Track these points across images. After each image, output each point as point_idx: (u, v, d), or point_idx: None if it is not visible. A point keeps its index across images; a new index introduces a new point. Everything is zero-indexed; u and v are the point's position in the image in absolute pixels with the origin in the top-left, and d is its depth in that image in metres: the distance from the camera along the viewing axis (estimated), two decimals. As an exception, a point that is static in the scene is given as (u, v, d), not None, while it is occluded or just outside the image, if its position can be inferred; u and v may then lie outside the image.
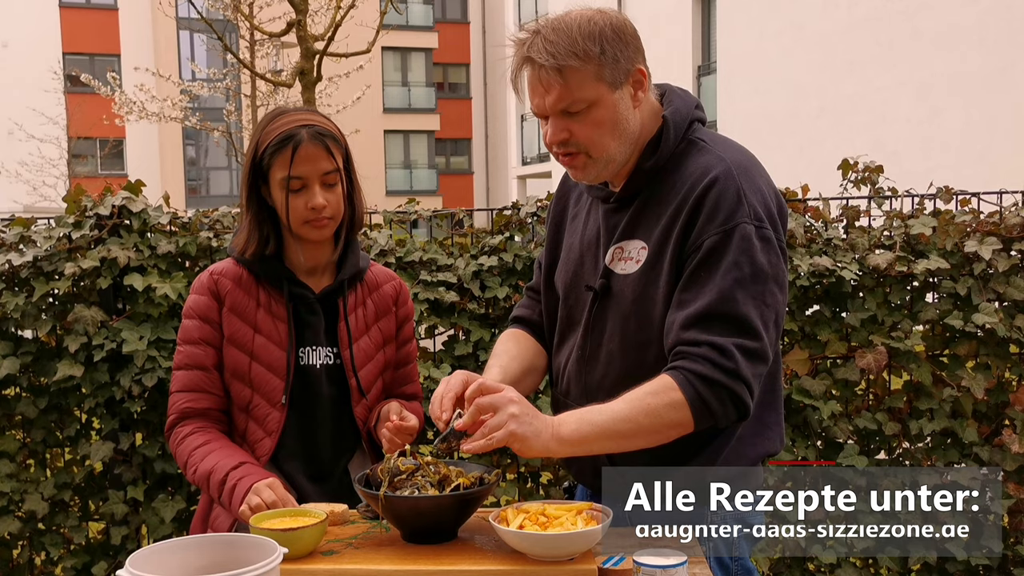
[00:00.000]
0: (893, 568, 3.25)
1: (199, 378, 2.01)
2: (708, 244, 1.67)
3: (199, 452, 1.95)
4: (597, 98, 1.70)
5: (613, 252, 1.80)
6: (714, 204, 1.67)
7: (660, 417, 1.63)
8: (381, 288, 2.16)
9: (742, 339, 1.64)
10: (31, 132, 23.26)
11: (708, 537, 1.81)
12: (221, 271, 2.03)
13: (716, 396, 1.63)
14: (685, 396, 1.62)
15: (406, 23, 31.10)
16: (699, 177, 1.71)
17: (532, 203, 3.37)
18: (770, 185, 1.76)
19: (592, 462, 1.86)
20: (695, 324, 1.65)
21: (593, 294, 1.81)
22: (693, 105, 1.82)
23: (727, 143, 1.80)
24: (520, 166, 25.20)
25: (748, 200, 1.68)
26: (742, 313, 1.64)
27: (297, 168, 1.92)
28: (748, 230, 1.66)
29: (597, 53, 1.68)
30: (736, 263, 1.65)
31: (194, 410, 2.00)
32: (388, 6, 8.62)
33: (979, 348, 3.21)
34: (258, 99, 14.33)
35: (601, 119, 1.71)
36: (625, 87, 1.72)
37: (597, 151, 1.73)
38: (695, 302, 1.66)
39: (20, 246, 3.20)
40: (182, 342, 2.03)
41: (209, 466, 1.92)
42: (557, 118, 1.72)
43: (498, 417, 1.60)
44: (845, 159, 3.39)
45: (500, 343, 2.04)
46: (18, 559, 3.32)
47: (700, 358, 1.63)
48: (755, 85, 13.93)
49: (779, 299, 1.70)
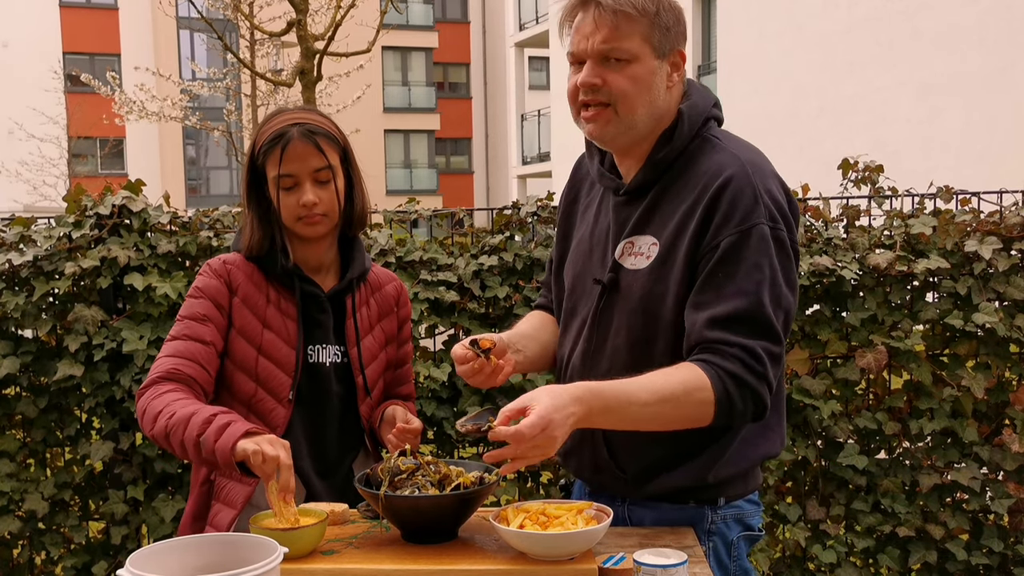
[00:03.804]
0: (893, 568, 3.25)
1: (195, 348, 1.93)
2: (725, 244, 1.66)
3: (179, 402, 1.81)
4: (640, 54, 1.71)
5: (623, 247, 1.79)
6: (730, 203, 1.67)
7: (684, 409, 1.64)
8: (383, 288, 2.18)
9: (767, 343, 1.66)
10: (31, 132, 23.28)
11: (708, 537, 1.81)
12: (233, 262, 2.03)
13: (742, 396, 1.64)
14: (715, 393, 1.63)
15: (406, 23, 31.12)
16: (714, 175, 1.70)
17: (532, 203, 3.36)
18: (782, 185, 1.76)
19: (593, 458, 1.86)
20: (722, 325, 1.65)
21: (601, 288, 1.81)
22: (711, 103, 1.82)
23: (740, 142, 1.80)
24: (520, 166, 25.19)
25: (764, 200, 1.68)
26: (768, 316, 1.65)
27: (287, 166, 1.94)
28: (765, 231, 1.67)
29: (653, 12, 1.70)
30: (757, 265, 1.66)
31: (180, 373, 1.89)
32: (388, 6, 8.61)
33: (979, 348, 3.21)
34: (258, 99, 14.33)
35: (638, 75, 1.71)
36: (665, 62, 1.74)
37: (624, 107, 1.73)
38: (718, 304, 1.66)
39: (20, 245, 3.20)
40: (183, 317, 1.97)
41: (189, 410, 1.77)
42: (594, 63, 1.72)
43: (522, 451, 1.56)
44: (845, 159, 3.39)
45: (522, 320, 2.08)
46: (18, 559, 3.33)
47: (733, 358, 1.64)
48: (755, 85, 13.92)
49: (791, 301, 1.71)
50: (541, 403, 1.55)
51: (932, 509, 3.25)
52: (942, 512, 3.24)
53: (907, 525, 3.21)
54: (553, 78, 20.40)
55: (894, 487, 3.22)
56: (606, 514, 1.64)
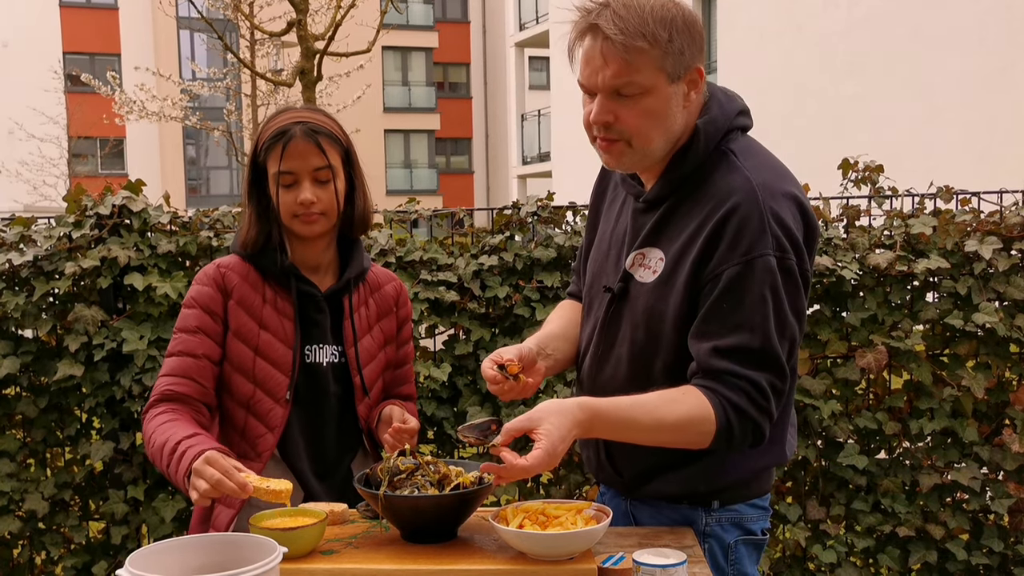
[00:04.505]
0: (893, 568, 3.25)
1: (187, 364, 1.98)
2: (730, 274, 1.63)
3: (163, 428, 1.89)
4: (653, 86, 1.64)
5: (634, 257, 1.78)
6: (736, 232, 1.63)
7: (685, 436, 1.66)
8: (383, 288, 2.17)
9: (773, 377, 1.65)
10: (31, 132, 23.28)
11: (703, 539, 1.81)
12: (228, 265, 2.04)
13: (742, 428, 1.64)
14: (716, 423, 1.63)
15: (406, 23, 31.12)
16: (722, 199, 1.66)
17: (532, 203, 3.36)
18: (799, 206, 1.69)
19: (595, 458, 1.88)
20: (728, 357, 1.63)
21: (611, 295, 1.80)
22: (735, 112, 1.76)
23: (759, 159, 1.73)
24: (520, 166, 25.18)
25: (771, 228, 1.63)
26: (775, 351, 1.64)
27: (287, 163, 1.95)
28: (771, 262, 1.62)
29: (665, 40, 1.62)
30: (763, 298, 1.63)
31: (174, 393, 1.96)
32: (388, 5, 8.61)
33: (979, 348, 3.21)
34: (258, 99, 14.33)
35: (651, 109, 1.65)
36: (681, 84, 1.67)
37: (639, 141, 1.68)
38: (724, 335, 1.63)
39: (20, 245, 3.20)
40: (178, 330, 2.02)
41: (164, 437, 1.86)
42: (606, 98, 1.65)
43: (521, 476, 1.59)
44: (845, 159, 3.39)
45: (553, 312, 2.08)
46: (18, 559, 3.33)
47: (738, 390, 1.63)
48: (755, 85, 13.90)
49: (796, 331, 1.68)
50: (547, 435, 1.55)
51: (932, 509, 3.25)
52: (942, 512, 3.24)
53: (907, 525, 3.21)
54: (553, 78, 20.38)
55: (894, 487, 3.22)
56: (605, 514, 1.64)
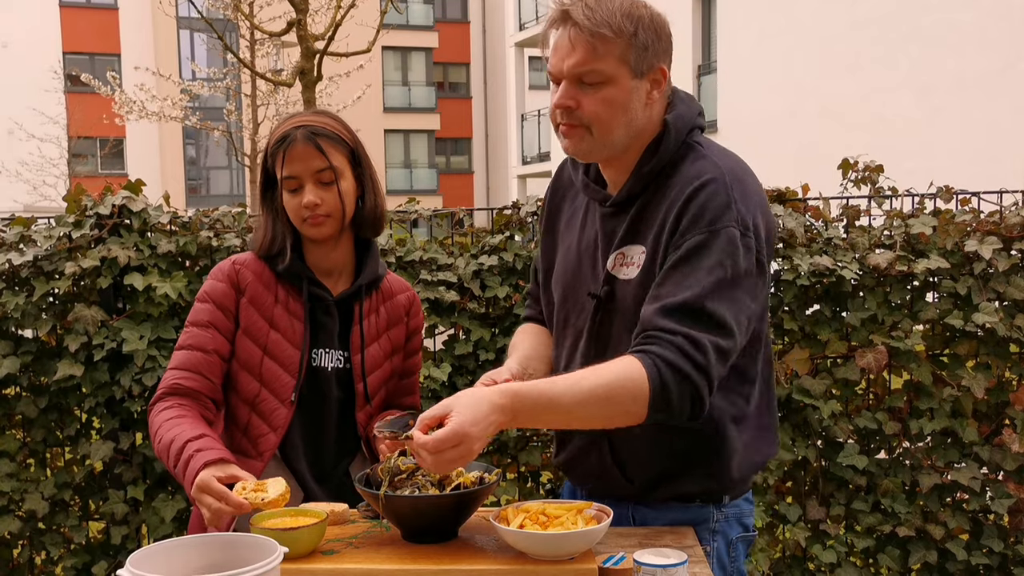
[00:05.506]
0: (893, 568, 3.25)
1: (197, 359, 1.99)
2: (690, 243, 1.64)
3: (169, 424, 1.91)
4: (615, 76, 1.68)
5: (615, 258, 1.78)
6: (701, 206, 1.65)
7: (615, 406, 1.59)
8: (395, 298, 2.17)
9: (717, 337, 1.61)
10: (31, 132, 23.29)
11: (712, 537, 1.81)
12: (243, 262, 2.06)
13: (679, 389, 1.58)
14: (649, 384, 1.57)
15: (406, 23, 31.13)
16: (691, 180, 1.69)
17: (532, 202, 3.36)
18: (762, 203, 1.72)
19: (599, 466, 1.85)
20: (671, 315, 1.61)
21: (596, 301, 1.79)
22: (696, 112, 1.81)
23: (724, 151, 1.79)
24: (520, 165, 25.18)
25: (737, 207, 1.66)
26: (720, 312, 1.61)
27: (289, 168, 1.97)
28: (734, 234, 1.64)
29: (630, 33, 1.67)
30: (720, 263, 1.62)
31: (182, 387, 1.97)
32: (388, 6, 8.61)
33: (979, 348, 3.21)
34: (258, 99, 14.34)
35: (612, 99, 1.69)
36: (644, 80, 1.71)
37: (599, 129, 1.71)
38: (672, 295, 1.62)
39: (20, 245, 3.20)
40: (189, 324, 2.03)
41: (171, 436, 1.88)
42: (570, 84, 1.70)
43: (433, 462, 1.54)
44: (845, 159, 3.39)
45: (516, 336, 2.05)
46: (18, 559, 3.33)
47: (673, 346, 1.59)
48: (755, 85, 13.93)
49: (752, 308, 1.67)
50: (458, 415, 1.52)
51: (932, 509, 3.25)
52: (942, 512, 3.24)
53: (907, 525, 3.21)
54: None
55: (894, 487, 3.22)
56: (606, 514, 1.64)
